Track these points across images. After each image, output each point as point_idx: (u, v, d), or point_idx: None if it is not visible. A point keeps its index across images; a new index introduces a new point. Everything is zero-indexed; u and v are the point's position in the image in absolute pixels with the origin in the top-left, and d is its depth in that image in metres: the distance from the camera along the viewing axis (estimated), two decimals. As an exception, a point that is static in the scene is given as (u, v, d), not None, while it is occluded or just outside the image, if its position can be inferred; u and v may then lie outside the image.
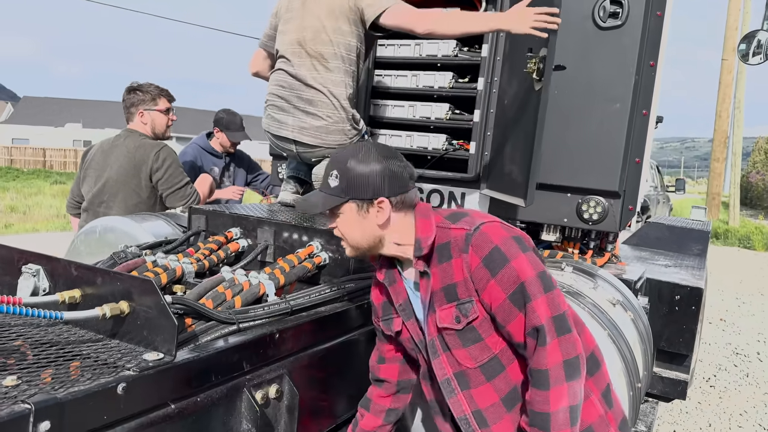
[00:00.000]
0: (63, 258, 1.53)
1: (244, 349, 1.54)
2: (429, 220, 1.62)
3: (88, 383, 1.17)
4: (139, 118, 3.38)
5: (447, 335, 1.58)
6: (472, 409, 1.58)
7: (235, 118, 4.26)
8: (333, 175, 1.60)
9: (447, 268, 1.56)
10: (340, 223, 1.64)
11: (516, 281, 1.46)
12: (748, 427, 4.37)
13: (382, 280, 1.74)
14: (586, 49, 2.90)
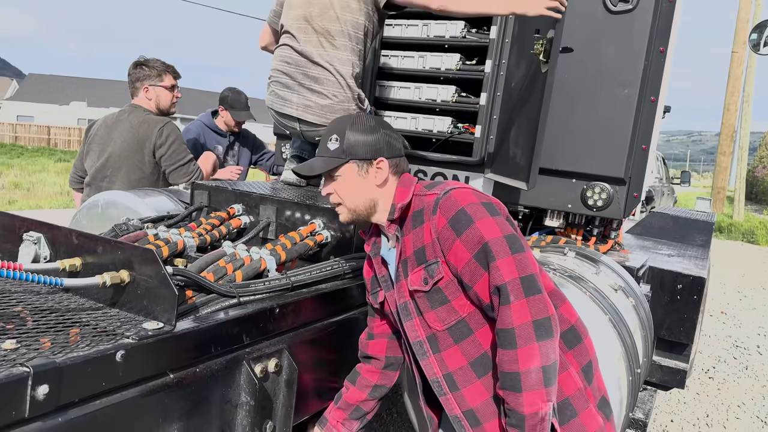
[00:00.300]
0: (64, 226, 1.53)
1: (244, 323, 1.54)
2: (408, 189, 1.68)
3: (86, 349, 1.17)
4: (143, 93, 3.36)
5: (417, 298, 1.61)
6: (443, 372, 1.59)
7: (240, 97, 4.22)
8: (332, 138, 1.65)
9: (419, 233, 1.61)
10: (338, 186, 1.67)
11: (480, 241, 1.48)
12: (746, 419, 4.38)
13: (369, 251, 1.80)
14: (596, 32, 2.87)
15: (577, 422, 1.54)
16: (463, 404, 1.57)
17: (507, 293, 1.43)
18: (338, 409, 1.90)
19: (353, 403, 1.89)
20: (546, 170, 3.01)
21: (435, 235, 1.55)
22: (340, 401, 1.90)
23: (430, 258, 1.57)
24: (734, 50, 17.98)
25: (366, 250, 1.81)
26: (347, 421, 1.89)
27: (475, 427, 1.56)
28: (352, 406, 1.90)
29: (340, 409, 1.90)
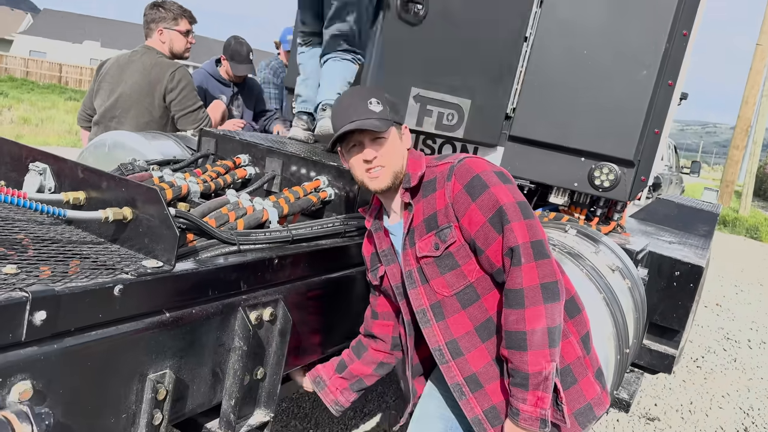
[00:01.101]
0: (70, 159, 1.53)
1: (242, 270, 1.56)
2: (420, 160, 1.73)
3: (85, 281, 1.19)
4: (158, 35, 3.33)
5: (425, 264, 1.64)
6: (446, 340, 1.63)
7: (241, 48, 4.02)
8: (372, 102, 1.65)
9: (430, 200, 1.64)
10: (384, 148, 1.67)
11: (495, 205, 1.52)
12: (729, 409, 4.44)
13: (370, 227, 1.83)
14: (619, 9, 2.82)
15: (577, 389, 1.59)
16: (465, 370, 1.61)
17: (519, 255, 1.47)
18: (341, 377, 1.95)
19: (356, 375, 1.95)
20: (555, 146, 2.99)
21: (449, 200, 1.59)
22: (344, 371, 1.95)
23: (442, 223, 1.60)
24: (759, 43, 17.65)
25: (367, 226, 1.84)
26: (346, 391, 1.96)
27: (476, 391, 1.60)
28: (355, 377, 1.95)
29: (343, 378, 1.95)
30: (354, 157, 1.70)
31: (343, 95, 1.78)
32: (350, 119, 1.64)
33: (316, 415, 3.44)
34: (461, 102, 3.19)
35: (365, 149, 1.67)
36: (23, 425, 0.75)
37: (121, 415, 1.31)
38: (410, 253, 1.68)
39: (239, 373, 1.56)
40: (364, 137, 1.66)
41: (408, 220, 1.67)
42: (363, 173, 1.69)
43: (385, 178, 1.68)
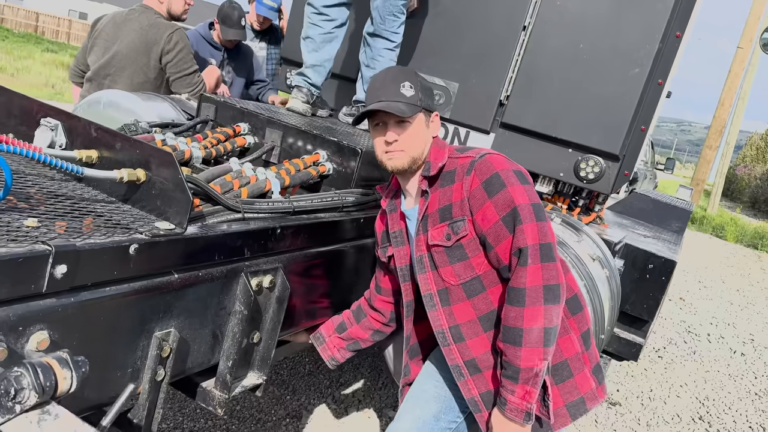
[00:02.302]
0: (84, 118, 1.55)
1: (247, 237, 1.60)
2: (443, 150, 1.75)
3: (103, 238, 1.22)
4: None
5: (436, 252, 1.69)
6: (450, 324, 1.70)
7: (232, 12, 3.90)
8: (405, 85, 1.67)
9: (447, 191, 1.68)
10: (406, 133, 1.70)
11: (510, 204, 1.57)
12: (685, 398, 4.64)
13: (385, 206, 1.88)
14: (618, 5, 2.88)
15: (572, 382, 1.68)
16: (466, 354, 1.68)
17: (527, 255, 1.52)
18: (339, 337, 2.04)
19: (354, 338, 2.04)
20: (545, 136, 3.07)
21: (466, 195, 1.63)
22: (343, 332, 2.04)
23: (456, 216, 1.64)
24: (740, 46, 17.93)
25: (382, 205, 1.89)
26: (343, 350, 2.06)
27: (474, 375, 1.68)
28: (352, 339, 2.05)
29: (341, 339, 2.04)
30: (376, 135, 1.74)
31: (381, 72, 1.79)
32: (378, 98, 1.67)
33: (293, 383, 3.52)
34: (448, 85, 3.25)
35: (388, 131, 1.70)
36: (64, 371, 0.79)
37: (127, 370, 1.35)
38: (422, 239, 1.72)
39: (238, 336, 1.62)
40: (388, 118, 1.69)
41: (423, 208, 1.72)
42: (382, 152, 1.74)
43: (401, 161, 1.71)
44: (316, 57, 2.92)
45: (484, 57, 3.15)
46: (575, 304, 1.73)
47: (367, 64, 3.02)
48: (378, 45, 2.96)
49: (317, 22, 2.87)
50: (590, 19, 2.92)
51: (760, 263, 12.61)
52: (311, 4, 2.86)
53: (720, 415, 4.49)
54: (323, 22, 2.87)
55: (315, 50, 2.90)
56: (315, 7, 2.85)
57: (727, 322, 7.11)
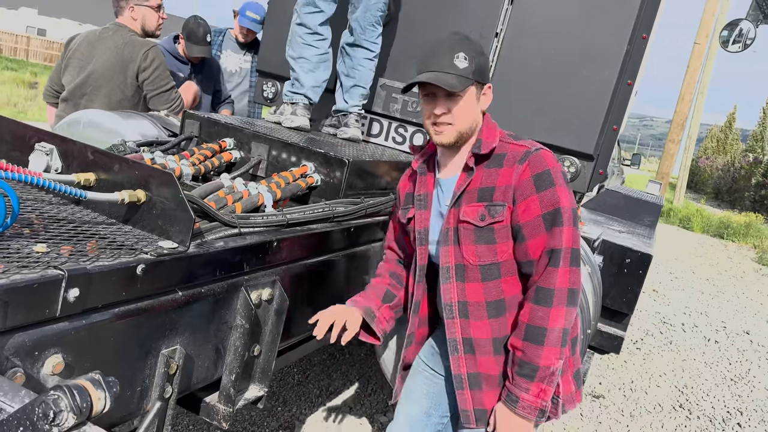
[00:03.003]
0: (79, 141, 1.56)
1: (246, 252, 1.63)
2: (495, 131, 1.74)
3: (111, 260, 1.24)
4: (129, 12, 3.30)
5: (463, 228, 1.69)
6: (459, 299, 1.72)
7: (198, 29, 3.92)
8: (459, 56, 1.63)
9: (492, 173, 1.67)
10: (457, 106, 1.65)
11: (555, 204, 1.60)
12: (665, 388, 4.77)
13: (416, 167, 1.85)
14: (586, 11, 2.98)
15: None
16: (466, 332, 1.71)
17: (559, 257, 1.57)
18: (388, 307, 1.94)
19: (400, 305, 1.98)
20: (521, 139, 3.15)
21: (513, 182, 1.62)
22: (392, 300, 1.95)
23: (497, 200, 1.64)
24: (697, 42, 18.44)
25: (413, 166, 1.86)
26: (391, 320, 1.97)
27: (467, 354, 1.71)
28: (399, 306, 1.98)
29: (390, 308, 1.94)
30: (426, 105, 1.70)
31: (433, 40, 1.74)
32: (429, 68, 1.63)
33: (283, 394, 3.53)
34: None
35: (438, 103, 1.66)
36: (98, 391, 0.81)
37: (136, 389, 1.37)
38: (453, 213, 1.71)
39: (240, 350, 1.64)
40: (438, 90, 1.65)
41: (463, 183, 1.69)
42: (430, 124, 1.71)
43: (449, 136, 1.68)
44: (314, 78, 2.95)
45: (459, 64, 3.21)
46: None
47: (347, 73, 3.07)
48: (358, 55, 3.02)
49: (312, 43, 2.88)
50: (560, 24, 3.01)
51: (726, 252, 12.98)
52: (304, 24, 2.85)
53: (699, 401, 4.63)
54: (318, 42, 2.89)
55: (312, 71, 2.91)
56: (309, 27, 2.85)
57: (699, 311, 7.31)
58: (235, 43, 4.50)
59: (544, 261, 1.60)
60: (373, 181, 2.52)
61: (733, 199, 26.05)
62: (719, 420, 4.37)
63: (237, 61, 4.53)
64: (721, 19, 17.47)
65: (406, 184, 1.94)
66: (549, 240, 1.60)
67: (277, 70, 3.53)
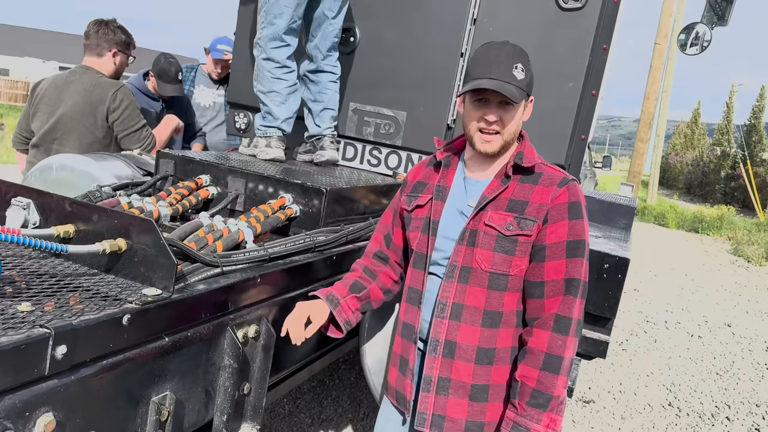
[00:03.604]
0: (55, 194, 1.56)
1: (229, 291, 1.63)
2: (533, 149, 1.80)
3: (96, 313, 1.24)
4: (110, 55, 3.34)
5: (484, 232, 1.70)
6: (455, 300, 1.72)
7: (170, 68, 3.97)
8: (518, 67, 1.66)
9: (527, 188, 1.71)
10: (507, 116, 1.69)
11: (581, 235, 1.66)
12: (653, 387, 4.83)
13: (441, 158, 1.87)
14: (547, 27, 3.06)
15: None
16: (451, 334, 1.71)
17: (578, 289, 1.62)
18: (356, 297, 1.92)
19: (369, 297, 1.95)
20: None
21: (548, 203, 1.66)
22: (361, 292, 1.93)
23: (529, 214, 1.66)
24: (657, 42, 18.88)
25: (438, 157, 1.87)
26: (357, 311, 1.94)
27: (445, 357, 1.72)
28: (367, 299, 1.95)
29: (357, 299, 1.93)
30: (475, 110, 1.70)
31: (491, 46, 1.73)
32: (490, 75, 1.64)
33: (275, 426, 3.51)
34: (397, 114, 3.37)
35: (491, 110, 1.68)
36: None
37: (129, 439, 1.37)
38: (477, 215, 1.72)
39: (230, 390, 1.64)
40: (494, 97, 1.66)
41: (497, 189, 1.71)
42: (476, 130, 1.71)
43: (495, 145, 1.71)
44: (286, 109, 2.98)
45: (428, 85, 3.27)
46: None
47: (314, 98, 3.13)
48: (323, 79, 3.09)
49: (281, 76, 2.92)
50: (523, 41, 3.02)
51: (702, 246, 13.22)
52: (272, 59, 2.89)
53: (687, 398, 4.70)
54: (287, 74, 2.94)
55: (283, 103, 2.95)
56: (277, 61, 2.89)
57: (681, 308, 7.43)
58: (208, 78, 4.54)
59: (560, 287, 1.63)
60: (352, 207, 2.55)
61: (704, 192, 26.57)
62: (708, 415, 4.43)
63: (210, 95, 4.56)
64: (679, 19, 17.95)
65: (419, 172, 1.94)
66: (569, 268, 1.63)
67: (249, 101, 3.55)
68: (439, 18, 3.23)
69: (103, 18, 3.42)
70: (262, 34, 2.89)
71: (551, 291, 1.65)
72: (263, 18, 2.87)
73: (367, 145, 3.49)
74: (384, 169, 3.48)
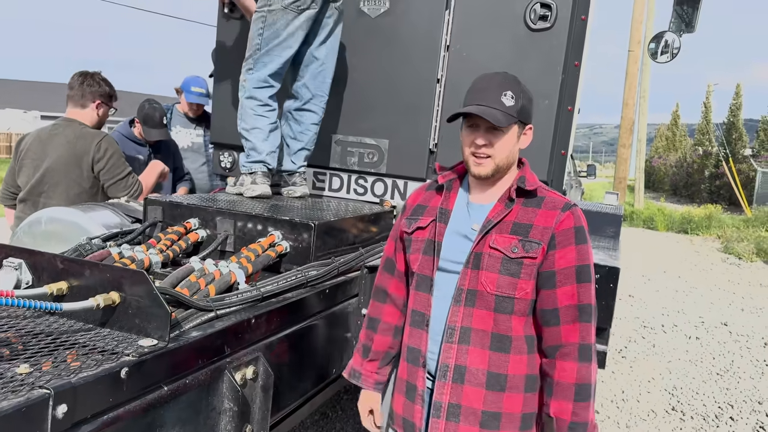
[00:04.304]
0: (47, 252, 1.58)
1: (225, 335, 1.65)
2: (533, 174, 1.83)
3: (94, 369, 1.26)
4: (93, 107, 3.38)
5: (489, 255, 1.72)
6: (463, 324, 1.73)
7: (154, 113, 4.03)
8: (507, 95, 1.72)
9: (530, 212, 1.75)
10: (498, 140, 1.73)
11: (587, 260, 1.71)
12: (655, 392, 4.84)
13: (443, 182, 1.91)
14: (518, 48, 3.13)
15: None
16: (461, 359, 1.72)
17: (591, 314, 1.68)
18: (369, 361, 2.00)
19: (383, 351, 1.99)
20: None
21: (553, 227, 1.70)
22: (369, 353, 1.98)
23: (533, 237, 1.69)
24: (630, 49, 19.21)
25: (439, 180, 1.91)
26: (381, 369, 2.00)
27: (454, 382, 1.73)
28: (382, 353, 1.99)
29: (372, 361, 1.99)
30: (467, 135, 1.77)
31: (485, 75, 1.81)
32: (478, 102, 1.72)
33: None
34: (379, 142, 3.43)
35: (480, 134, 1.74)
36: None
37: (133, 492, 1.37)
38: (482, 238, 1.75)
39: (232, 433, 1.65)
40: (483, 122, 1.72)
41: (501, 213, 1.75)
42: (469, 154, 1.77)
43: (487, 168, 1.75)
44: (270, 144, 3.04)
45: (407, 112, 3.33)
46: None
47: (294, 137, 3.19)
48: (306, 120, 3.14)
49: (263, 114, 2.98)
50: (495, 63, 3.14)
51: (693, 247, 13.32)
52: (254, 98, 2.95)
53: (690, 401, 4.71)
54: (268, 113, 3.00)
55: (265, 139, 3.01)
56: (259, 99, 2.96)
57: (676, 310, 7.47)
58: (183, 118, 4.58)
59: (574, 314, 1.67)
60: (342, 239, 2.57)
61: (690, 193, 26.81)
62: (712, 417, 4.45)
63: (188, 136, 4.60)
64: (650, 25, 18.28)
65: (419, 196, 1.97)
66: (580, 293, 1.68)
67: (232, 140, 3.60)
68: (413, 47, 3.29)
69: (87, 70, 3.47)
70: (247, 77, 2.96)
71: (566, 318, 1.68)
72: (251, 64, 2.95)
73: (352, 175, 3.54)
74: (371, 197, 3.52)
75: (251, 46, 2.95)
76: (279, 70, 2.98)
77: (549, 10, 3.07)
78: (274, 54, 2.92)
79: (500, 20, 3.15)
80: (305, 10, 2.90)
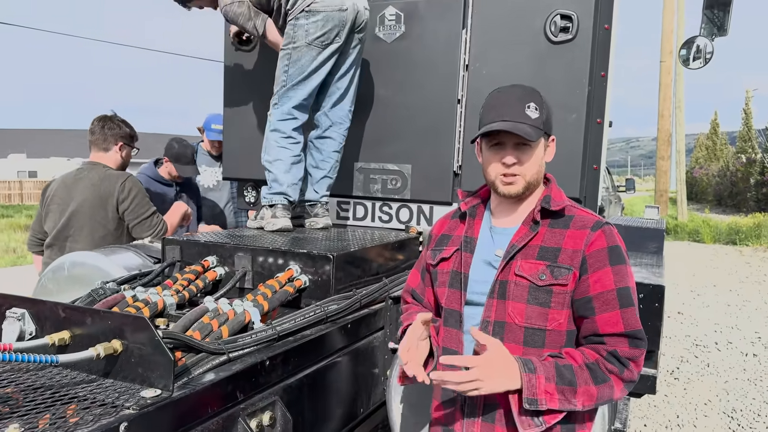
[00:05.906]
0: (48, 300, 1.52)
1: (237, 380, 1.55)
2: (561, 190, 1.72)
3: (91, 425, 1.17)
4: (116, 149, 3.41)
5: (515, 284, 1.59)
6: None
7: (186, 151, 4.12)
8: (531, 107, 1.61)
9: (557, 234, 1.61)
10: (526, 156, 1.62)
11: (627, 282, 1.56)
12: (713, 416, 4.55)
13: (465, 209, 1.78)
14: (541, 62, 3.02)
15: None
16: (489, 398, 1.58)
17: (642, 339, 1.54)
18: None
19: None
20: (505, 195, 3.13)
21: (583, 248, 1.56)
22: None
23: (562, 262, 1.56)
24: (662, 60, 18.87)
25: (462, 208, 1.79)
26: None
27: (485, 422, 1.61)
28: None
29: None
30: (492, 155, 1.65)
31: (502, 90, 1.70)
32: (502, 117, 1.59)
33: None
34: (402, 168, 3.34)
35: (507, 152, 1.62)
36: None
37: None
38: (506, 265, 1.62)
39: (249, 486, 1.54)
40: (509, 139, 1.61)
41: (527, 236, 1.62)
42: (497, 174, 1.64)
43: (518, 186, 1.63)
44: (291, 176, 2.99)
45: (429, 135, 3.24)
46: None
47: (316, 165, 3.13)
48: (327, 148, 3.09)
49: (286, 146, 2.95)
50: (518, 79, 3.00)
51: (743, 258, 12.78)
52: (278, 130, 2.93)
53: (752, 424, 4.40)
54: (291, 145, 2.97)
55: (287, 171, 2.96)
56: (283, 131, 2.93)
57: (730, 326, 7.10)
58: (207, 156, 4.61)
59: (625, 342, 1.53)
60: (364, 269, 2.47)
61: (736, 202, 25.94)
62: (777, 440, 4.14)
63: (213, 175, 4.62)
64: (680, 33, 17.95)
65: (444, 225, 1.85)
66: (626, 320, 1.53)
67: (243, 174, 3.61)
68: (431, 69, 3.21)
69: (106, 114, 3.50)
70: (273, 111, 2.97)
71: (619, 347, 1.53)
72: (276, 99, 2.95)
73: (376, 203, 3.45)
74: (396, 224, 3.42)
75: (278, 83, 2.94)
76: (304, 102, 2.96)
77: (570, 21, 2.96)
78: (299, 88, 2.91)
79: (520, 35, 3.05)
80: (329, 45, 2.87)
